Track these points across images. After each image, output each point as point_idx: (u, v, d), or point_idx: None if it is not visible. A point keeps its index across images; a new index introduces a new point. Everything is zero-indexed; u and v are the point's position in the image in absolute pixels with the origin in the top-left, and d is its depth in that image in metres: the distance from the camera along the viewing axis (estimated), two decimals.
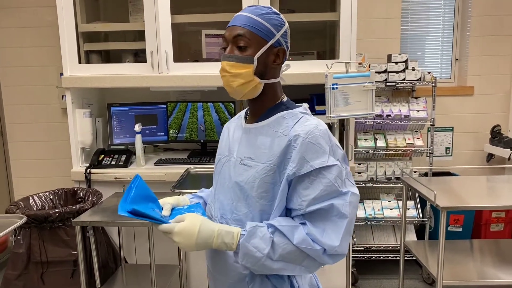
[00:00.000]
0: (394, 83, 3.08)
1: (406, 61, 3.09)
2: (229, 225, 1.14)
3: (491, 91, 3.46)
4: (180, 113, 2.98)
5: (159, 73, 2.66)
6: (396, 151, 3.15)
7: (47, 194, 2.64)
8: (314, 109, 2.71)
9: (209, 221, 1.11)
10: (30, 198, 2.56)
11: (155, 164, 2.76)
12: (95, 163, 2.72)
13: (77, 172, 2.70)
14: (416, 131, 3.19)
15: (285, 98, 1.22)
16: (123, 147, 2.88)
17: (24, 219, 1.93)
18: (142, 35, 2.65)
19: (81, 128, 2.73)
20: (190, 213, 1.12)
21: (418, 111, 3.13)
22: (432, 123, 3.10)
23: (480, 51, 3.42)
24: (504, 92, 3.46)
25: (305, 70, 2.56)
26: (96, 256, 2.34)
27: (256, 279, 1.15)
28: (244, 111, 1.29)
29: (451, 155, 3.39)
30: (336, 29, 2.68)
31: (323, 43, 3.13)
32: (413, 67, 3.08)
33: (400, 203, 3.12)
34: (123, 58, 2.92)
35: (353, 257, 3.01)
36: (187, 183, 2.43)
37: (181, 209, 1.22)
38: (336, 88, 2.27)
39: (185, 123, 2.99)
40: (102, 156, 2.78)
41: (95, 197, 2.46)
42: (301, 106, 1.21)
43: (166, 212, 1.17)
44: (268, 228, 1.08)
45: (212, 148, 3.00)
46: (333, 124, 2.48)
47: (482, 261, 2.50)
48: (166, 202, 1.21)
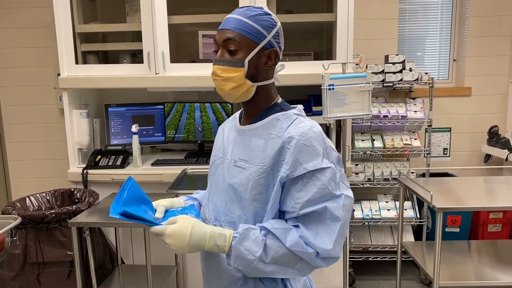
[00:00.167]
0: (392, 84, 3.08)
1: (403, 62, 3.10)
2: (222, 227, 1.13)
3: (489, 92, 3.46)
4: (178, 114, 2.98)
5: (156, 74, 2.66)
6: (394, 152, 3.14)
7: (44, 195, 2.64)
8: (311, 110, 2.72)
9: (202, 223, 1.11)
10: (27, 199, 2.56)
11: (152, 165, 2.76)
12: (92, 164, 2.72)
13: (74, 173, 2.70)
14: (414, 132, 3.19)
15: (280, 100, 1.21)
16: (120, 148, 2.87)
17: (19, 220, 1.92)
18: (139, 36, 2.65)
19: (78, 129, 2.73)
20: (183, 215, 1.12)
21: (416, 112, 3.13)
22: (430, 124, 3.10)
23: (478, 52, 3.42)
24: (502, 93, 3.46)
25: (302, 71, 2.56)
26: (93, 257, 2.33)
27: (250, 282, 1.15)
28: (239, 112, 1.29)
29: (449, 156, 3.39)
30: (333, 30, 2.67)
31: (320, 44, 3.13)
32: (411, 68, 3.08)
33: (398, 204, 3.11)
34: (120, 59, 2.92)
35: (350, 258, 3.00)
36: (184, 184, 2.43)
37: (175, 211, 1.21)
38: (333, 89, 2.26)
39: (183, 124, 2.99)
40: (99, 157, 2.78)
41: (92, 198, 2.46)
42: (296, 108, 1.20)
43: (160, 214, 1.17)
44: (261, 231, 1.08)
45: (210, 149, 2.94)
46: (330, 125, 2.48)
47: (480, 262, 2.50)
48: (160, 204, 1.21)
